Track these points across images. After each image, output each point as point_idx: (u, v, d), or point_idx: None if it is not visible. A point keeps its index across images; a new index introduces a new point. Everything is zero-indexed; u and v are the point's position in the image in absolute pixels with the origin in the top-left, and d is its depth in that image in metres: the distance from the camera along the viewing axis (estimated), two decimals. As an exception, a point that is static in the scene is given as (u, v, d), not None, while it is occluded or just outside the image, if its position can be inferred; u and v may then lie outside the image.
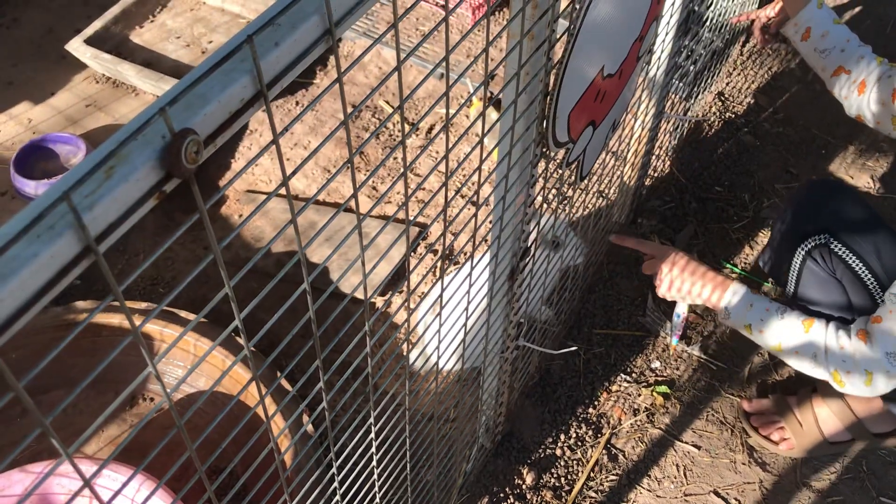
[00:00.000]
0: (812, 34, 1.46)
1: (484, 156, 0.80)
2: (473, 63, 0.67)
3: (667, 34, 1.42)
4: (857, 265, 1.40)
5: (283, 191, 2.10)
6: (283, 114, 2.23)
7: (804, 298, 1.49)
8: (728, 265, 1.91)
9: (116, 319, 1.62)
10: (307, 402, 0.85)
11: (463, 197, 2.06)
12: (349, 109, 2.25)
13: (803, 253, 1.45)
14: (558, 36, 0.86)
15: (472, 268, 0.96)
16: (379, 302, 1.84)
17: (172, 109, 0.41)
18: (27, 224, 0.36)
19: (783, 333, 1.35)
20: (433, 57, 2.39)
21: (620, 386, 1.72)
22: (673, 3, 1.35)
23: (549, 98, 0.92)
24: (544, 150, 0.98)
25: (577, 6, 0.87)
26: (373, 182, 2.11)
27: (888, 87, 1.40)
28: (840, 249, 1.42)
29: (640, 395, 1.71)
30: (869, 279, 1.39)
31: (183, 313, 1.65)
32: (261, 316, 1.71)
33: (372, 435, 0.92)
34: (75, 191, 0.38)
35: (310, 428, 1.54)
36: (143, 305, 1.66)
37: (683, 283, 1.46)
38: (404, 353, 1.69)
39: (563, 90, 0.93)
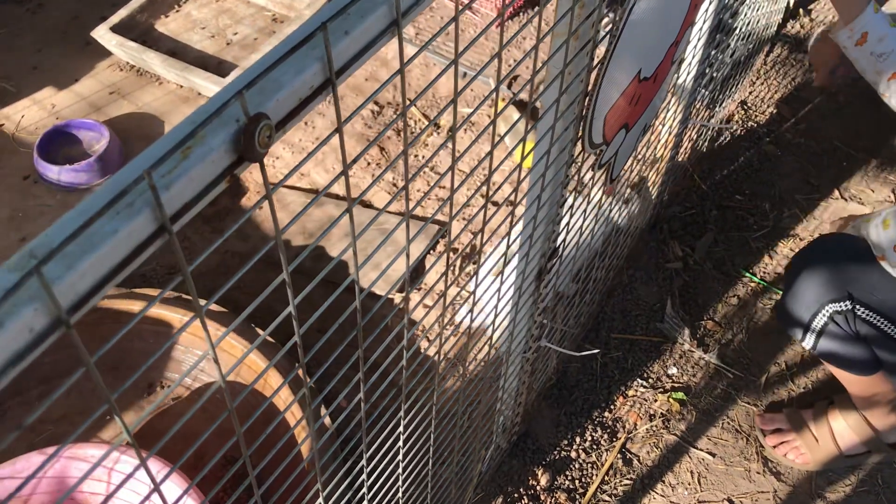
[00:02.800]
0: (869, 38, 1.44)
1: (505, 156, 0.80)
2: (491, 62, 0.67)
3: (699, 40, 1.42)
4: (883, 324, 1.37)
5: (305, 185, 2.10)
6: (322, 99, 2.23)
7: (826, 357, 1.48)
8: (748, 274, 1.91)
9: (137, 306, 1.62)
10: (324, 394, 0.85)
11: (483, 196, 2.06)
12: (373, 107, 2.26)
13: (825, 318, 1.41)
14: (601, 36, 0.86)
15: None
16: (397, 298, 1.84)
17: (248, 93, 0.41)
18: (109, 200, 0.36)
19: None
20: (462, 58, 2.39)
21: (637, 391, 1.72)
22: (706, 10, 1.35)
23: (588, 98, 0.92)
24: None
25: (620, 8, 0.87)
26: (394, 179, 2.11)
27: None
28: (864, 313, 1.38)
29: (656, 401, 1.70)
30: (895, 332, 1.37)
31: (202, 302, 1.65)
32: (280, 309, 1.72)
33: (400, 429, 0.92)
34: (155, 169, 0.38)
35: (327, 420, 1.55)
36: (170, 295, 1.67)
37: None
38: (422, 350, 1.70)
39: (601, 91, 0.93)
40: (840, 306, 1.39)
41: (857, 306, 1.37)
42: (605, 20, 0.87)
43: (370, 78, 2.33)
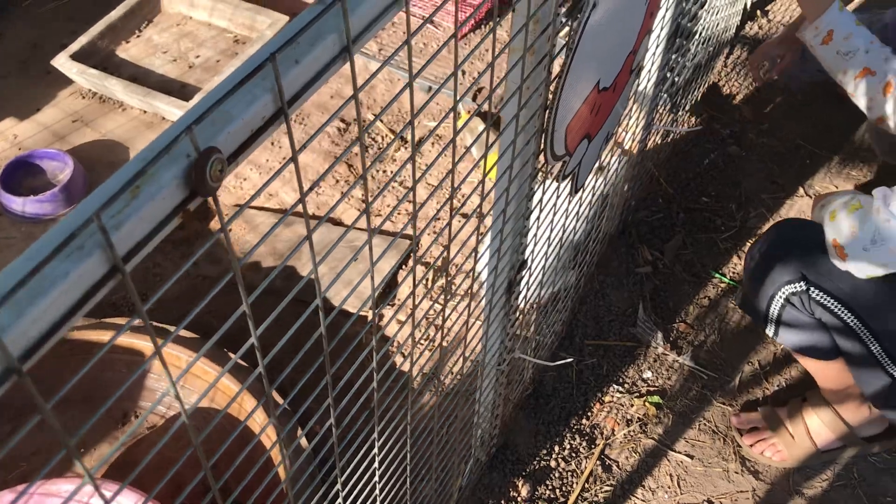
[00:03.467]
0: (835, 37, 1.45)
1: (472, 167, 0.81)
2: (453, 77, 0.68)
3: (657, 47, 1.44)
4: (839, 308, 1.36)
5: (274, 205, 2.09)
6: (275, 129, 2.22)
7: (786, 341, 1.49)
8: (717, 275, 1.93)
9: (107, 336, 1.60)
10: (299, 415, 0.84)
11: (453, 209, 2.07)
12: (340, 124, 2.25)
13: (781, 300, 1.42)
14: (557, 51, 0.87)
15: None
16: (370, 314, 1.84)
17: (198, 128, 0.41)
18: (59, 243, 0.36)
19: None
20: (425, 72, 2.40)
21: (613, 396, 1.73)
22: (663, 17, 1.36)
23: (547, 112, 0.92)
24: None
25: (575, 22, 0.88)
26: (363, 195, 2.11)
27: None
28: (819, 295, 1.37)
29: (632, 406, 1.71)
30: (851, 320, 1.36)
31: (173, 329, 1.64)
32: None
33: (375, 450, 0.91)
34: (104, 211, 0.38)
35: (303, 441, 1.54)
36: (135, 322, 1.65)
37: None
38: (397, 366, 1.70)
39: (561, 104, 0.93)
40: (795, 287, 1.39)
41: (812, 288, 1.37)
42: (564, 31, 0.88)
43: (335, 95, 2.33)
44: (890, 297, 1.33)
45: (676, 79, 2.08)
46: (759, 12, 2.57)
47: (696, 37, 2.03)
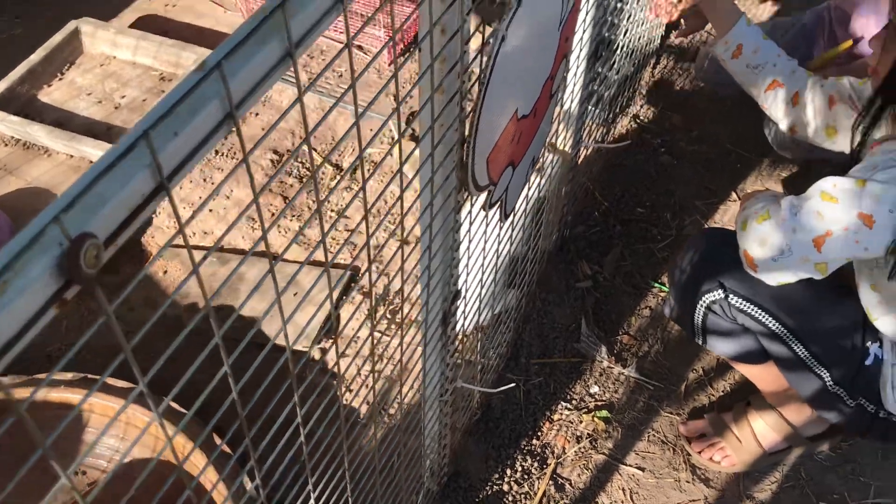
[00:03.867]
0: (744, 51, 1.49)
1: (405, 186, 0.80)
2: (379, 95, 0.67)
3: (578, 68, 1.45)
4: (758, 313, 1.38)
5: (210, 243, 2.06)
6: (202, 163, 2.19)
7: (716, 349, 1.50)
8: (657, 284, 1.94)
9: (42, 392, 1.55)
10: (237, 455, 0.82)
11: (388, 233, 2.06)
12: (270, 154, 2.23)
13: (703, 308, 1.43)
14: (469, 86, 0.87)
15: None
16: (310, 349, 1.81)
17: (69, 215, 0.40)
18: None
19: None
20: (359, 99, 2.39)
21: (562, 414, 1.73)
22: (581, 39, 1.37)
23: (465, 145, 0.92)
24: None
25: (487, 56, 0.87)
26: (297, 225, 2.09)
27: (822, 96, 1.44)
28: (738, 302, 1.39)
29: (581, 422, 1.72)
30: (774, 324, 1.38)
31: (110, 381, 1.60)
32: (194, 378, 1.67)
33: (310, 486, 0.90)
34: (-34, 313, 0.36)
35: (246, 481, 1.51)
36: (69, 376, 1.60)
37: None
38: (340, 401, 1.67)
39: (478, 136, 0.93)
40: (714, 295, 1.41)
41: (731, 295, 1.39)
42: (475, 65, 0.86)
43: (267, 127, 2.30)
44: (812, 299, 1.36)
45: (605, 92, 2.11)
46: (682, 21, 2.61)
47: (620, 50, 2.05)
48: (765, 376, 1.51)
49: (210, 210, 2.11)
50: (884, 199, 1.11)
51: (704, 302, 1.42)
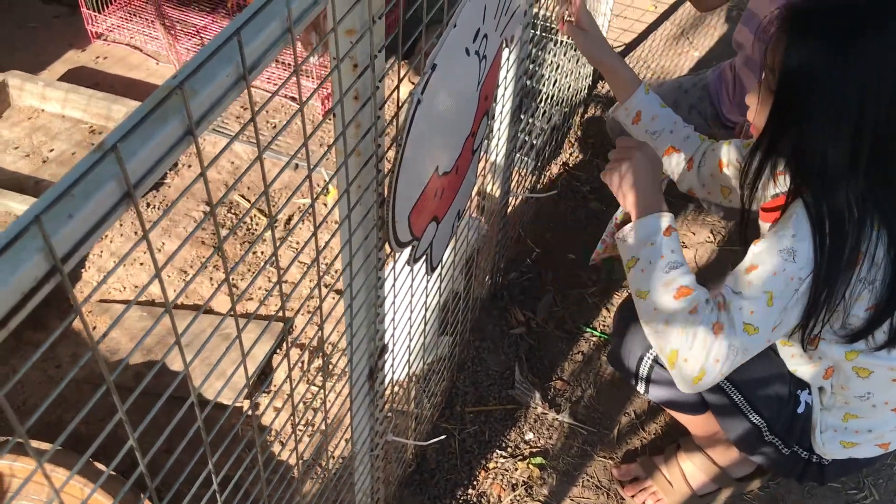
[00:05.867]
0: (643, 118, 1.56)
1: (330, 238, 0.81)
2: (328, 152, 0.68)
3: (501, 122, 1.49)
4: None
5: (141, 297, 2.02)
6: (133, 216, 2.17)
7: (655, 397, 1.50)
8: (588, 329, 1.98)
9: (-41, 458, 1.50)
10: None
11: (326, 286, 2.06)
12: (203, 207, 2.22)
13: (650, 361, 1.44)
14: (386, 149, 0.89)
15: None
16: (245, 405, 1.79)
17: (-46, 302, 0.40)
18: None
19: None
20: (286, 148, 2.40)
21: (497, 462, 1.73)
22: (503, 94, 1.41)
23: (385, 205, 0.94)
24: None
25: (403, 117, 0.90)
26: (233, 279, 2.07)
27: (713, 160, 1.51)
28: None
29: (516, 469, 1.72)
30: None
31: (35, 443, 1.55)
32: (123, 435, 1.63)
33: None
34: None
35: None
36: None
37: (624, 180, 1.34)
38: (276, 455, 1.65)
39: (398, 195, 0.95)
40: None
41: None
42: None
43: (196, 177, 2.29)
44: None
45: (534, 141, 2.16)
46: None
47: (547, 100, 2.11)
48: (697, 422, 1.54)
49: (141, 263, 2.08)
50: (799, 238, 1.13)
51: (652, 355, 1.44)
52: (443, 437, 1.71)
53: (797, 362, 1.37)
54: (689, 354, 1.17)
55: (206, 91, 0.53)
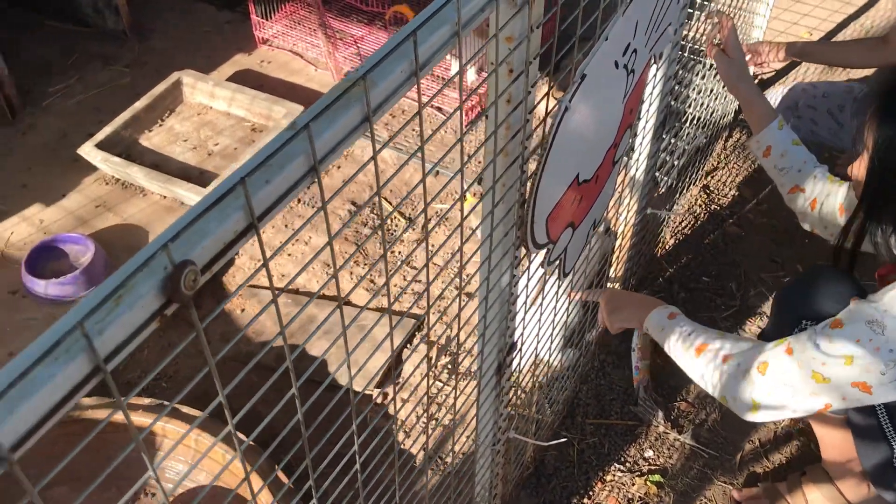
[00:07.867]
0: (772, 153, 1.57)
1: (465, 239, 0.87)
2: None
3: (643, 138, 1.51)
4: None
5: (284, 284, 2.16)
6: (284, 210, 2.31)
7: None
8: (718, 353, 1.95)
9: (121, 415, 1.66)
10: (301, 493, 0.89)
11: (457, 288, 2.13)
12: (349, 206, 2.34)
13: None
14: (532, 151, 0.94)
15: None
16: (363, 389, 1.88)
17: (174, 244, 0.48)
18: (47, 349, 0.42)
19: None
20: (428, 155, 2.49)
21: (615, 476, 1.74)
22: (647, 110, 1.44)
23: (526, 205, 0.99)
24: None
25: (550, 123, 0.94)
26: (372, 276, 2.18)
27: (834, 203, 1.51)
28: None
29: (633, 485, 1.73)
30: None
31: (185, 409, 1.69)
32: (261, 410, 1.76)
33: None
34: (88, 319, 0.44)
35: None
36: (146, 401, 1.71)
37: (617, 314, 1.52)
38: (399, 444, 1.73)
39: (539, 198, 1.00)
40: (806, 325, 1.41)
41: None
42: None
43: (347, 179, 2.42)
44: None
45: (675, 161, 2.16)
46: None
47: (691, 122, 2.10)
48: (834, 440, 1.50)
49: (289, 255, 2.22)
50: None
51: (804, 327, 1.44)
52: (563, 439, 1.74)
53: None
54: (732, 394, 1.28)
55: (384, 83, 0.60)
